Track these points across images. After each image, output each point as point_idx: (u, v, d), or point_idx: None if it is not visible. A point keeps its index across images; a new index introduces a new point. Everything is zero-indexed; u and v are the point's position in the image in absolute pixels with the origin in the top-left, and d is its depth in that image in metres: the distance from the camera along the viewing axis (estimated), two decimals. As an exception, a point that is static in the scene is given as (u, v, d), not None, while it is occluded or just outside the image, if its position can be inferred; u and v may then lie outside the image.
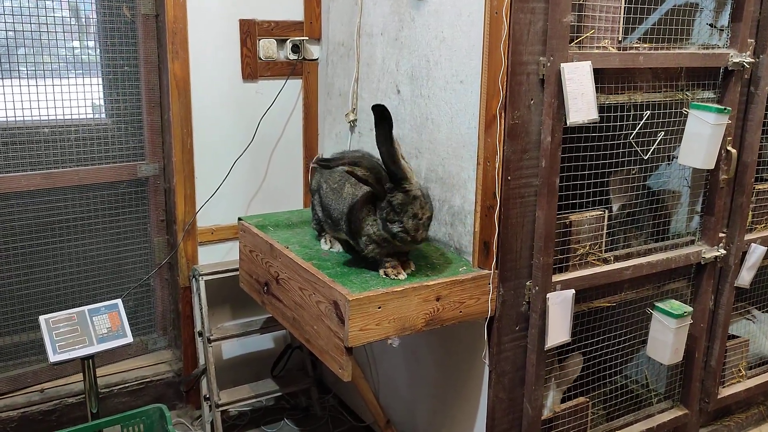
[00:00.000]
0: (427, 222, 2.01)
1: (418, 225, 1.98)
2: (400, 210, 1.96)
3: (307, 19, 3.02)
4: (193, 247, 2.94)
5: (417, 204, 1.97)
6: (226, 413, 3.02)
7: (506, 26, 1.94)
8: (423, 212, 1.98)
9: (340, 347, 1.95)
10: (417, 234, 1.98)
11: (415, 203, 1.97)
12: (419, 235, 1.99)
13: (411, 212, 1.97)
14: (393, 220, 1.97)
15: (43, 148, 2.73)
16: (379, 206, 2.02)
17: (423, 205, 1.98)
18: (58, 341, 2.31)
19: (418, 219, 1.97)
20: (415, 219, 1.97)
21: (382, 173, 2.00)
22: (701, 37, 2.43)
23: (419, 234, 1.99)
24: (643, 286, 2.44)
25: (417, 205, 1.97)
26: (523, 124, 2.03)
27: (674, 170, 2.55)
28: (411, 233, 1.97)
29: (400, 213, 1.96)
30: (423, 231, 2.00)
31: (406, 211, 1.96)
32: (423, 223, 1.99)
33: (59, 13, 2.71)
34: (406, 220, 1.96)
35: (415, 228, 1.97)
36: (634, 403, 2.65)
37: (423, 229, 2.00)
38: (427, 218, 2.01)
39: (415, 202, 1.97)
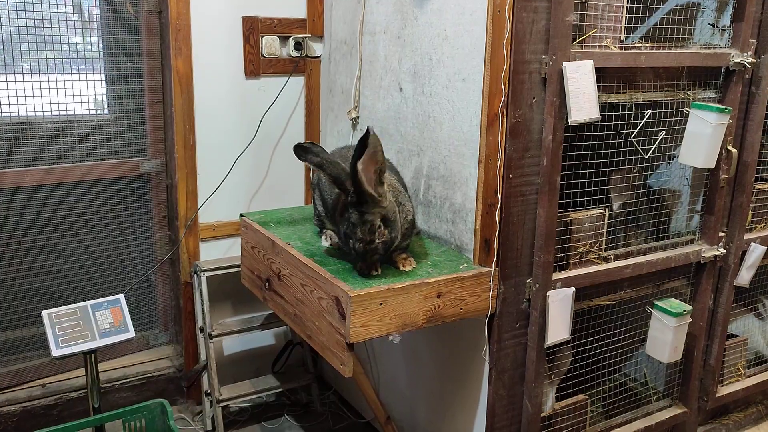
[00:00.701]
0: (381, 247, 1.98)
1: (366, 249, 1.96)
2: (352, 230, 1.97)
3: (310, 16, 3.03)
4: (194, 243, 2.95)
5: (366, 228, 1.94)
6: (226, 409, 3.04)
7: (509, 25, 1.95)
8: (372, 237, 1.95)
9: (342, 343, 1.96)
10: (366, 256, 1.99)
11: (365, 227, 1.94)
12: (368, 258, 1.99)
13: (359, 236, 1.96)
14: (349, 236, 1.99)
15: (46, 144, 2.73)
16: (342, 218, 2.02)
17: (374, 230, 1.95)
18: (60, 336, 2.32)
19: (366, 243, 1.96)
20: (362, 243, 1.96)
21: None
22: (703, 37, 2.43)
23: (368, 257, 1.99)
24: (643, 285, 2.45)
25: (366, 230, 1.94)
26: (524, 123, 2.03)
27: (675, 169, 2.56)
28: (359, 254, 1.99)
29: (353, 232, 1.97)
30: (373, 255, 1.99)
31: (356, 233, 1.96)
32: (373, 248, 1.97)
33: (62, 9, 2.71)
34: (355, 243, 1.98)
35: (362, 250, 1.97)
36: (633, 401, 2.66)
37: (373, 253, 1.98)
38: (382, 243, 1.98)
39: (365, 226, 1.94)
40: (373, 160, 1.92)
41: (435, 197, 2.36)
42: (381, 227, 1.97)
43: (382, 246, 1.99)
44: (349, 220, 1.97)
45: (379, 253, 2.00)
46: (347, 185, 1.99)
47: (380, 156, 1.93)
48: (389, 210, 1.99)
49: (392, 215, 2.00)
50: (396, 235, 2.02)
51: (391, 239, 2.01)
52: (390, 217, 1.99)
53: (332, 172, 2.03)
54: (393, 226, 2.00)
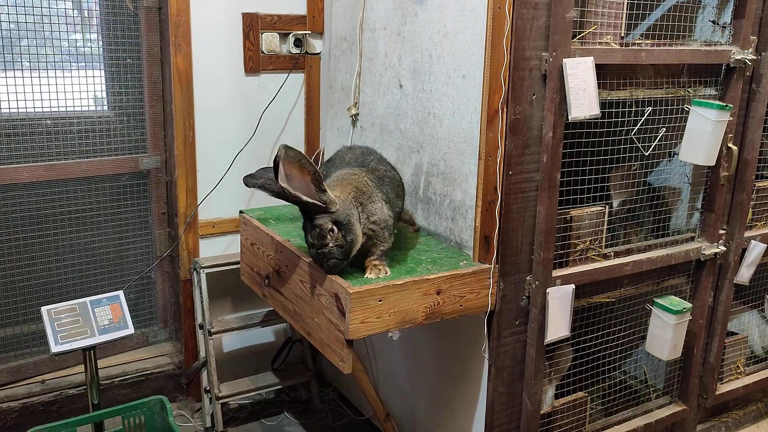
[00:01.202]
0: (336, 251, 1.94)
1: (318, 254, 1.96)
2: (305, 236, 1.99)
3: (310, 13, 3.02)
4: (194, 240, 2.95)
5: (316, 233, 1.93)
6: (226, 406, 3.04)
7: (509, 21, 1.94)
8: (322, 242, 1.93)
9: (341, 340, 1.96)
10: (321, 262, 1.98)
11: (314, 232, 1.93)
12: (324, 263, 1.97)
13: (309, 241, 1.97)
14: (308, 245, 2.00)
15: (46, 140, 2.73)
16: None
17: (324, 234, 1.92)
18: (59, 332, 2.32)
19: (317, 248, 1.95)
20: (313, 248, 1.97)
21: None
22: (704, 34, 2.43)
23: (324, 263, 1.97)
24: (643, 282, 2.45)
25: (315, 234, 1.93)
26: (524, 119, 2.03)
27: (675, 167, 2.56)
28: (314, 259, 2.00)
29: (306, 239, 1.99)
30: (329, 260, 1.95)
31: (307, 239, 1.98)
32: (327, 252, 1.94)
33: (62, 5, 2.71)
34: (310, 249, 1.99)
35: (315, 255, 1.98)
36: (633, 398, 2.66)
37: (329, 257, 1.95)
38: (337, 247, 1.94)
39: (314, 230, 1.93)
40: (303, 172, 1.88)
41: (435, 194, 2.36)
42: (333, 230, 1.93)
43: (337, 250, 1.94)
44: (304, 229, 1.99)
45: (335, 257, 1.95)
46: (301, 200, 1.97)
47: (308, 167, 1.88)
48: (341, 214, 1.94)
49: (346, 218, 1.95)
50: (353, 238, 1.96)
51: (348, 242, 1.95)
52: (343, 221, 1.94)
53: (275, 189, 1.99)
54: (349, 229, 1.95)
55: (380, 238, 2.07)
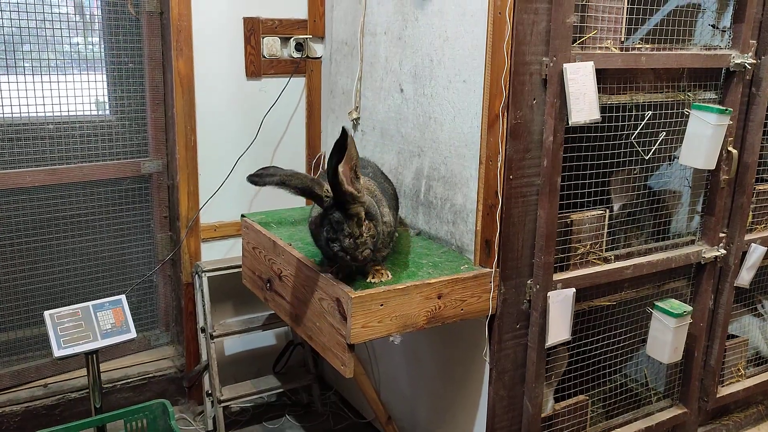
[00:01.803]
0: (369, 241, 1.91)
1: (356, 244, 1.89)
2: (337, 228, 1.89)
3: (311, 17, 3.03)
4: (196, 244, 2.96)
5: (353, 223, 1.87)
6: (228, 409, 3.04)
7: (509, 26, 1.95)
8: (360, 231, 1.88)
9: (343, 344, 1.97)
10: (356, 253, 1.89)
11: (351, 222, 1.87)
12: (359, 254, 1.90)
13: (347, 231, 1.88)
14: (333, 239, 1.91)
15: (48, 145, 2.74)
16: (322, 224, 1.96)
17: (361, 223, 1.88)
18: (62, 336, 2.33)
19: (355, 238, 1.88)
20: (351, 238, 1.88)
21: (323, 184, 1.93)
22: (703, 38, 2.43)
23: (359, 253, 1.89)
24: (644, 286, 2.45)
25: (353, 224, 1.87)
26: (525, 124, 2.04)
27: (675, 170, 2.56)
28: (349, 252, 1.89)
29: (337, 231, 1.89)
30: (364, 250, 1.90)
31: (342, 230, 1.88)
32: (363, 241, 1.89)
33: (63, 10, 2.72)
34: (343, 239, 1.89)
35: (352, 247, 1.89)
36: (634, 401, 2.67)
37: (364, 248, 1.90)
38: (370, 237, 1.91)
39: (351, 221, 1.87)
40: (348, 158, 1.87)
41: (436, 198, 2.37)
42: (366, 220, 1.90)
43: (371, 240, 1.91)
44: (331, 223, 1.90)
45: (369, 248, 1.91)
46: (318, 191, 1.94)
47: (354, 152, 1.88)
48: (369, 204, 1.93)
49: (373, 209, 1.95)
50: (380, 231, 1.94)
51: (378, 233, 1.93)
52: (372, 211, 1.93)
53: (297, 184, 1.96)
54: (376, 219, 1.94)
55: (384, 243, 2.06)
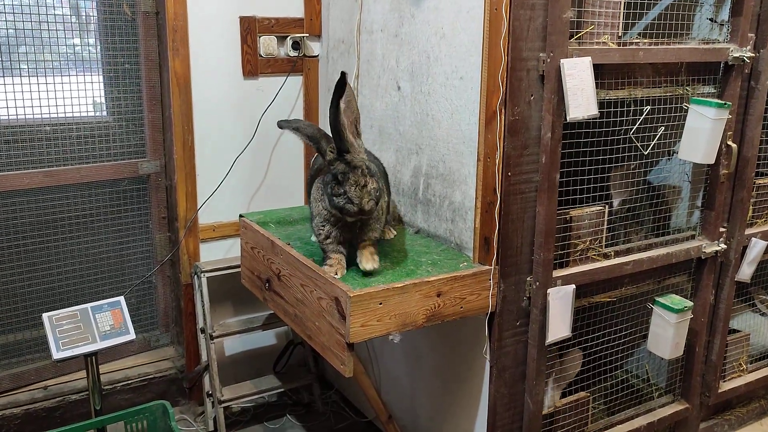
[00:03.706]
0: (374, 193, 1.96)
1: (362, 193, 1.94)
2: (342, 179, 1.94)
3: (308, 15, 3.02)
4: (194, 244, 2.95)
5: (358, 172, 1.94)
6: (228, 409, 3.04)
7: (506, 22, 1.94)
8: (365, 180, 1.94)
9: (342, 343, 1.96)
10: (363, 202, 1.94)
11: (356, 171, 1.94)
12: (365, 204, 1.94)
13: (353, 180, 1.94)
14: (338, 194, 1.95)
15: (45, 146, 2.73)
16: (325, 182, 2.03)
17: (365, 173, 1.95)
18: (61, 338, 2.32)
19: (361, 186, 1.94)
20: (357, 186, 1.94)
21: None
22: (701, 32, 2.42)
23: (365, 202, 1.94)
24: (644, 281, 2.44)
25: (359, 173, 1.94)
26: (523, 120, 2.03)
27: (674, 165, 2.55)
28: (356, 202, 1.93)
29: (343, 183, 1.94)
30: (369, 200, 1.95)
31: (348, 179, 1.94)
32: (368, 191, 1.94)
33: (60, 11, 2.71)
34: (349, 188, 1.93)
35: (359, 196, 1.93)
36: (635, 397, 2.66)
37: (369, 197, 1.95)
38: (374, 189, 1.96)
39: (356, 170, 1.94)
40: (349, 109, 1.95)
41: (434, 196, 2.36)
42: (374, 176, 1.97)
43: (374, 192, 1.96)
44: (335, 176, 1.95)
45: (373, 199, 1.96)
46: (324, 144, 2.03)
47: (354, 105, 2.00)
48: (373, 165, 2.01)
49: (374, 167, 2.01)
50: (381, 186, 2.01)
51: (380, 188, 1.99)
52: (374, 171, 2.00)
53: (308, 132, 2.10)
54: (379, 180, 2.01)
55: (380, 217, 2.10)
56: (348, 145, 1.97)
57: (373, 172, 2.00)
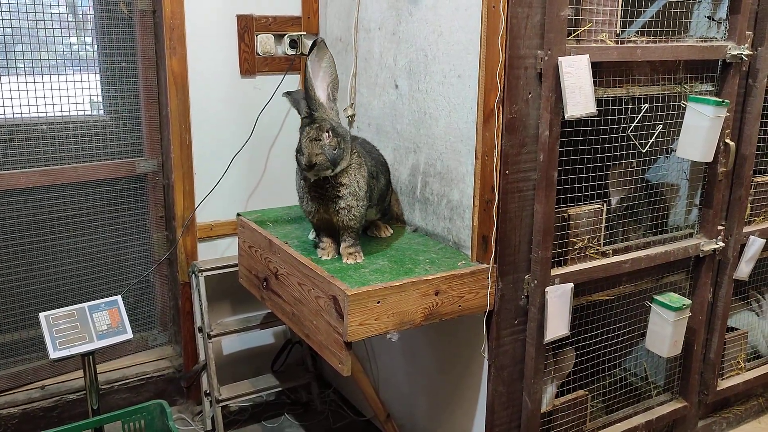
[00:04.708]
0: (328, 149, 1.98)
1: (311, 145, 1.96)
2: (300, 134, 2.00)
3: (305, 14, 3.01)
4: (192, 243, 2.94)
5: (315, 126, 1.97)
6: (226, 408, 3.03)
7: (503, 20, 1.94)
8: (318, 134, 1.96)
9: (340, 342, 1.96)
10: (311, 154, 1.96)
11: (313, 125, 1.97)
12: (314, 157, 1.96)
13: (306, 132, 1.99)
14: (298, 149, 2.01)
15: (42, 145, 2.73)
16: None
17: (321, 128, 1.97)
18: (58, 338, 2.32)
19: (312, 138, 1.97)
20: (308, 138, 1.97)
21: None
22: (699, 30, 2.42)
23: (314, 156, 1.96)
24: (642, 279, 2.44)
25: (315, 127, 1.97)
26: (520, 118, 2.03)
27: (673, 163, 2.55)
28: (305, 152, 1.97)
29: (301, 135, 2.00)
30: (319, 153, 1.97)
31: (304, 132, 2.00)
32: (320, 145, 1.97)
33: (56, 10, 2.70)
34: (302, 140, 1.99)
35: (308, 147, 1.96)
36: (634, 395, 2.66)
37: (319, 151, 1.97)
38: (329, 146, 1.98)
39: (313, 125, 1.97)
40: (326, 73, 2.00)
41: (432, 194, 2.36)
42: (330, 132, 1.99)
43: (329, 149, 1.99)
44: (300, 134, 2.01)
45: (324, 154, 1.98)
46: (303, 106, 2.05)
47: (331, 70, 2.03)
48: (340, 129, 2.05)
49: (344, 134, 2.05)
50: (344, 149, 2.03)
51: (340, 151, 2.01)
52: (341, 133, 2.04)
53: (294, 95, 2.16)
54: (343, 141, 2.03)
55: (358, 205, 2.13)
56: (316, 105, 2.02)
57: (338, 131, 2.03)
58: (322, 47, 2.05)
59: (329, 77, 2.07)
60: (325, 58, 2.06)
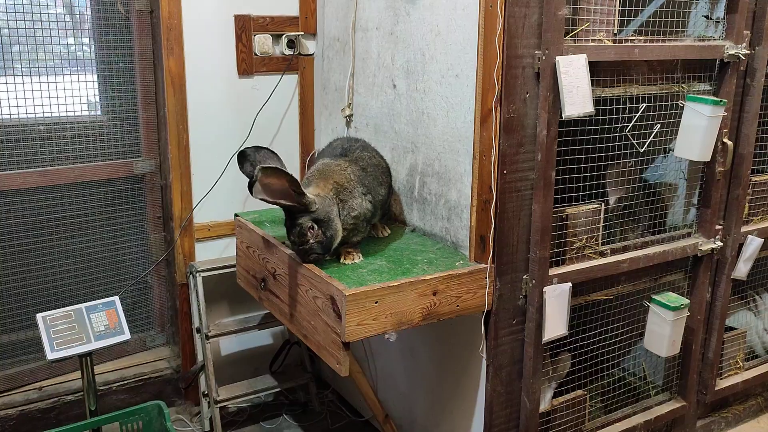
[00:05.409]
0: (317, 246, 2.05)
1: (300, 249, 2.08)
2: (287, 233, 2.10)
3: (303, 14, 3.01)
4: (190, 244, 2.94)
5: (296, 231, 2.04)
6: (224, 409, 3.03)
7: (501, 19, 1.94)
8: (304, 239, 2.04)
9: (338, 342, 1.95)
10: (303, 257, 2.09)
11: (295, 230, 2.05)
12: (306, 258, 2.09)
13: (291, 238, 2.09)
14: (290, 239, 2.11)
15: (39, 146, 2.72)
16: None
17: (305, 232, 2.03)
18: (55, 339, 2.31)
19: (299, 245, 2.07)
20: (295, 245, 2.09)
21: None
22: (697, 29, 2.42)
23: (306, 257, 2.09)
24: (640, 279, 2.44)
25: (296, 232, 2.05)
26: (518, 118, 2.02)
27: (670, 163, 2.55)
28: (299, 256, 2.11)
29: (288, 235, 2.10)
30: (311, 254, 2.07)
31: (289, 237, 2.09)
32: (308, 248, 2.06)
33: (54, 10, 2.70)
34: (291, 244, 2.12)
35: (296, 251, 2.10)
36: (632, 395, 2.66)
37: (310, 252, 2.07)
38: (317, 243, 2.05)
39: (295, 229, 2.05)
40: (280, 180, 1.97)
41: (430, 194, 2.35)
42: (314, 228, 2.05)
43: (318, 245, 2.06)
44: (286, 227, 2.10)
45: (315, 252, 2.07)
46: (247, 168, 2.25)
47: (284, 175, 1.97)
48: (321, 212, 2.06)
49: (325, 216, 2.06)
50: (332, 234, 2.08)
51: (328, 238, 2.07)
52: (323, 218, 2.06)
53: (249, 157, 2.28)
54: (328, 226, 2.07)
55: (359, 229, 2.20)
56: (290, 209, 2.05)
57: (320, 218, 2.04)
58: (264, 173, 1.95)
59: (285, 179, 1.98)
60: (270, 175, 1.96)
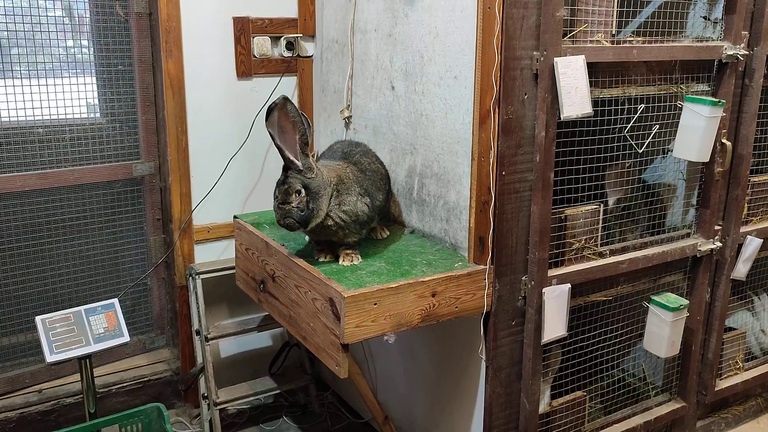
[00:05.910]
0: (295, 211, 2.03)
1: (279, 208, 2.05)
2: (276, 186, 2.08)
3: (301, 16, 3.01)
4: (189, 246, 2.94)
5: (284, 188, 2.03)
6: (224, 411, 3.02)
7: (499, 21, 1.94)
8: (286, 198, 2.03)
9: (337, 344, 1.95)
10: (279, 218, 2.06)
11: (283, 187, 2.03)
12: (281, 220, 2.05)
13: (275, 194, 2.07)
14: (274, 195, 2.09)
15: (38, 148, 2.72)
16: None
17: (290, 193, 2.02)
18: (54, 341, 2.31)
19: (278, 201, 2.05)
20: (276, 201, 2.06)
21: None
22: (695, 30, 2.42)
23: (281, 218, 2.05)
24: (639, 280, 2.44)
25: (283, 189, 2.03)
26: (517, 119, 2.02)
27: (669, 163, 2.55)
28: (276, 214, 2.07)
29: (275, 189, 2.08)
30: (286, 218, 2.04)
31: (275, 192, 2.07)
32: (287, 210, 2.03)
33: (53, 13, 2.70)
34: (274, 200, 2.07)
35: (276, 208, 2.06)
36: (632, 396, 2.66)
37: (287, 216, 2.03)
38: (297, 208, 2.02)
39: (283, 186, 2.03)
40: (294, 130, 1.99)
41: (429, 196, 2.35)
42: (300, 192, 2.03)
43: (297, 212, 2.03)
44: (277, 182, 2.07)
45: (292, 217, 2.03)
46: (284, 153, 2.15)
47: (300, 127, 1.99)
48: (314, 182, 2.05)
49: (316, 188, 2.05)
50: (315, 208, 2.05)
51: (310, 210, 2.04)
52: (313, 189, 2.04)
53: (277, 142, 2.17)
54: (315, 199, 2.05)
55: (351, 230, 2.15)
56: (288, 162, 2.03)
57: (310, 188, 2.03)
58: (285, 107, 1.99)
59: (298, 132, 2.02)
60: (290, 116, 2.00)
